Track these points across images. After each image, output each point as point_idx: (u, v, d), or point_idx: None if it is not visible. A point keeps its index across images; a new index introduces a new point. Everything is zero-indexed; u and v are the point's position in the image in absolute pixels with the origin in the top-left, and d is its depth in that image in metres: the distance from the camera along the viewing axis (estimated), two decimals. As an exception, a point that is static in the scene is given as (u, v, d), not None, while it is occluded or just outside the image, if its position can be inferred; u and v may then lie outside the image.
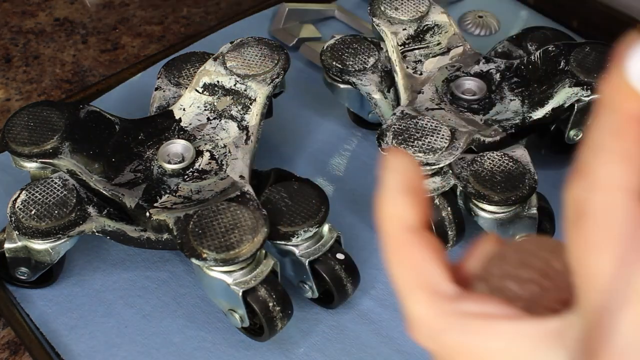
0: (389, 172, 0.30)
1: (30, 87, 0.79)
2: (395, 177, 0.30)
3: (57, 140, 0.58)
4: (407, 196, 0.29)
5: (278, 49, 0.64)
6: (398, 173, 0.30)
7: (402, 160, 0.30)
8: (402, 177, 0.30)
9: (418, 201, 0.29)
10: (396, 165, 0.30)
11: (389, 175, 0.30)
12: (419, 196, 0.30)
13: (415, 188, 0.30)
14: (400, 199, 0.30)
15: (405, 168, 0.30)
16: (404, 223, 0.29)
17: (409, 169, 0.30)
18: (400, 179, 0.30)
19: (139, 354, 0.57)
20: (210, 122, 0.62)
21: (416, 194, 0.30)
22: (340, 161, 0.71)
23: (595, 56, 0.62)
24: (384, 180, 0.30)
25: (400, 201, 0.30)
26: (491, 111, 0.63)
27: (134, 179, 0.58)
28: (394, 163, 0.30)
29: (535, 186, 0.56)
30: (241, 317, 0.53)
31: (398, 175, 0.30)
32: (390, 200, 0.30)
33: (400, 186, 0.30)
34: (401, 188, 0.30)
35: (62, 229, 0.54)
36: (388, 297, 0.60)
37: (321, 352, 0.57)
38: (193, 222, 0.51)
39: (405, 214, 0.29)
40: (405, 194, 0.30)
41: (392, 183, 0.30)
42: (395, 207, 0.30)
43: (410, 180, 0.30)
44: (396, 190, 0.30)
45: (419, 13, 0.67)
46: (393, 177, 0.30)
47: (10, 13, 0.88)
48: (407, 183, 0.30)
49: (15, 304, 0.59)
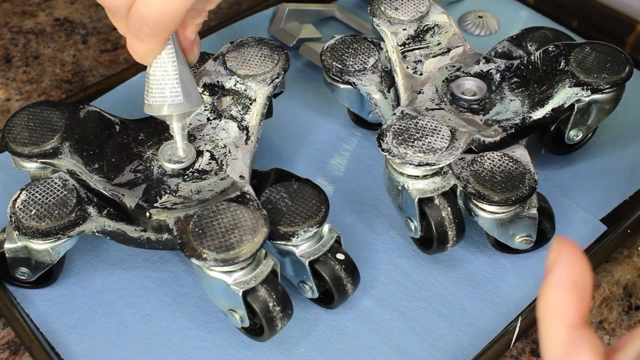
0: (556, 265, 0.30)
1: (30, 87, 0.79)
2: (561, 270, 0.29)
3: (57, 140, 0.58)
4: (572, 292, 0.29)
5: (278, 49, 0.64)
6: (564, 266, 0.29)
7: (570, 252, 0.30)
8: (569, 271, 0.29)
9: (582, 298, 0.29)
10: (563, 258, 0.30)
11: (555, 267, 0.30)
12: (583, 292, 0.29)
13: (581, 284, 0.29)
14: (564, 294, 0.29)
15: (573, 262, 0.30)
16: (565, 320, 0.29)
17: (577, 263, 0.29)
18: (566, 273, 0.29)
19: (139, 354, 0.57)
20: (210, 122, 0.62)
21: (581, 290, 0.29)
22: (340, 161, 0.71)
23: (595, 56, 0.62)
24: (550, 273, 0.30)
25: (564, 297, 0.29)
26: (491, 111, 0.63)
27: (134, 179, 0.58)
28: (562, 255, 0.30)
29: (535, 186, 0.56)
30: (241, 317, 0.53)
31: (564, 268, 0.29)
32: (553, 295, 0.29)
33: (565, 281, 0.29)
34: (567, 283, 0.29)
35: (62, 229, 0.54)
36: (388, 297, 0.60)
37: (321, 352, 0.57)
38: (193, 222, 0.51)
39: (568, 310, 0.29)
40: (570, 290, 0.29)
41: (557, 277, 0.29)
42: (558, 303, 0.29)
43: (576, 276, 0.29)
44: (561, 285, 0.29)
45: (419, 13, 0.67)
46: (559, 270, 0.29)
47: (10, 13, 0.88)
48: (574, 278, 0.29)
49: (15, 304, 0.59)
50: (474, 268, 0.62)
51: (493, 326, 0.58)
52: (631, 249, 0.64)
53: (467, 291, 0.60)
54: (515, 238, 0.59)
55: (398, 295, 0.60)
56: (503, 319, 0.58)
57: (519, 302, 0.59)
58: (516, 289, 0.60)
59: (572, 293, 0.29)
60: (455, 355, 0.56)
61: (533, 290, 0.60)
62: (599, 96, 0.61)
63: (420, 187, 0.57)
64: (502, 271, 0.61)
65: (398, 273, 0.62)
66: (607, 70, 0.61)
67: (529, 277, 0.61)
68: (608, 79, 0.61)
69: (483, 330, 0.58)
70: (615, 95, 0.62)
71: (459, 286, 0.61)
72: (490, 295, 0.60)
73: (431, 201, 0.57)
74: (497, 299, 0.60)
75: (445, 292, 0.60)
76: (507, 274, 0.61)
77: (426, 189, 0.57)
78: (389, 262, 0.62)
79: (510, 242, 0.59)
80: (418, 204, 0.57)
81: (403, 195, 0.58)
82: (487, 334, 0.57)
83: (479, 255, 0.63)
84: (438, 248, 0.59)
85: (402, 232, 0.64)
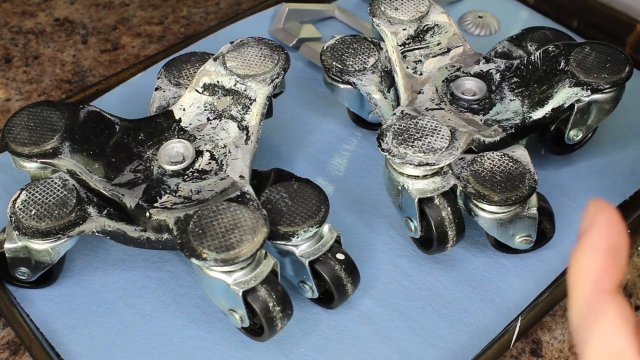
0: (593, 227, 0.28)
1: (30, 87, 0.79)
2: (598, 232, 0.28)
3: (57, 140, 0.58)
4: (607, 256, 0.28)
5: (278, 49, 0.64)
6: (601, 228, 0.28)
7: (608, 215, 0.28)
8: (604, 234, 0.28)
9: (616, 263, 0.28)
10: (600, 220, 0.28)
11: (592, 230, 0.28)
12: (618, 257, 0.28)
13: (617, 248, 0.28)
14: (598, 258, 0.28)
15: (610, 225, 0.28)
16: (598, 285, 0.28)
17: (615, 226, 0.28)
18: (603, 235, 0.28)
19: (139, 354, 0.57)
20: (210, 122, 0.62)
21: (616, 256, 0.28)
22: (340, 161, 0.71)
23: (595, 56, 0.62)
24: (586, 235, 0.28)
25: (598, 261, 0.28)
26: (491, 111, 0.63)
27: (134, 179, 0.58)
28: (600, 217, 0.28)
29: (535, 186, 0.56)
30: (241, 317, 0.53)
31: (601, 231, 0.28)
32: (587, 258, 0.28)
33: (601, 244, 0.28)
34: (602, 246, 0.28)
35: (62, 229, 0.54)
36: (388, 297, 0.60)
37: (321, 352, 0.57)
38: (193, 222, 0.51)
39: (602, 275, 0.28)
40: (605, 254, 0.28)
41: (593, 239, 0.28)
42: (591, 267, 0.28)
43: (612, 240, 0.28)
44: (596, 249, 0.28)
45: (419, 13, 0.67)
46: (595, 232, 0.28)
47: (10, 13, 0.88)
48: (609, 242, 0.28)
49: (15, 304, 0.59)
50: (474, 268, 0.62)
51: (493, 326, 0.58)
52: (631, 249, 0.64)
53: (467, 291, 0.60)
54: (515, 238, 0.59)
55: (398, 295, 0.60)
56: (503, 319, 0.58)
57: (519, 302, 0.59)
58: (516, 289, 0.60)
59: (608, 257, 0.28)
60: (455, 355, 0.56)
61: (533, 290, 0.60)
62: (599, 96, 0.61)
63: (420, 187, 0.57)
64: (502, 271, 0.61)
65: (398, 273, 0.62)
66: (607, 70, 0.61)
67: (529, 277, 0.61)
68: (608, 79, 0.61)
69: (483, 330, 0.58)
70: (615, 95, 0.62)
71: (459, 286, 0.61)
72: (490, 295, 0.60)
73: (431, 201, 0.57)
74: (497, 299, 0.60)
75: (445, 292, 0.60)
76: (507, 274, 0.61)
77: (426, 189, 0.57)
78: (389, 262, 0.62)
79: (510, 242, 0.59)
80: (418, 204, 0.57)
81: (403, 195, 0.58)
82: (487, 334, 0.57)
83: (479, 255, 0.63)
84: (438, 248, 0.59)
85: (402, 232, 0.64)
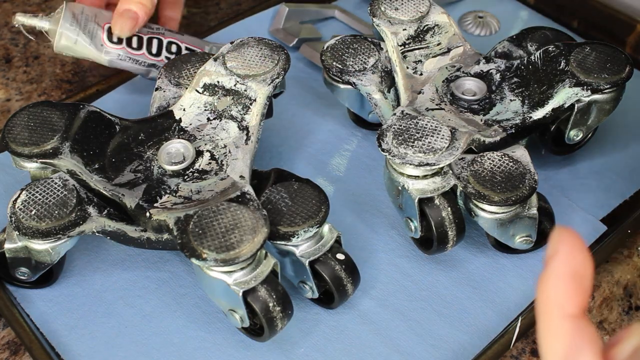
0: (556, 255, 0.29)
1: (30, 87, 0.79)
2: (561, 260, 0.29)
3: (57, 140, 0.58)
4: (571, 283, 0.29)
5: (278, 49, 0.64)
6: (564, 256, 0.29)
7: (571, 242, 0.29)
8: (568, 261, 0.29)
9: (582, 287, 0.29)
10: (563, 248, 0.29)
11: (555, 257, 0.29)
12: (583, 283, 0.29)
13: (580, 275, 0.29)
14: (563, 285, 0.29)
15: (573, 252, 0.29)
16: (564, 311, 0.29)
17: (578, 253, 0.29)
18: (566, 263, 0.29)
19: (139, 354, 0.57)
20: (210, 123, 0.62)
21: (580, 281, 0.29)
22: (340, 161, 0.71)
23: (595, 56, 0.62)
24: (550, 262, 0.29)
25: (563, 288, 0.29)
26: (491, 111, 0.63)
27: (134, 179, 0.58)
28: (563, 245, 0.29)
29: (535, 186, 0.56)
30: (241, 317, 0.53)
31: (564, 259, 0.29)
32: (553, 286, 0.29)
33: (565, 271, 0.29)
34: (566, 274, 0.29)
35: (62, 229, 0.54)
36: (388, 297, 0.60)
37: (321, 353, 0.57)
38: (193, 222, 0.51)
39: (567, 301, 0.29)
40: (569, 281, 0.29)
41: (557, 267, 0.29)
42: (557, 294, 0.29)
43: (577, 266, 0.29)
44: (560, 276, 0.29)
45: (419, 13, 0.67)
46: (559, 260, 0.29)
47: (10, 13, 0.88)
48: (574, 268, 0.29)
49: (15, 304, 0.59)
50: (474, 268, 0.62)
51: (493, 326, 0.58)
52: (631, 249, 0.64)
53: (467, 291, 0.60)
54: (515, 238, 0.59)
55: (398, 295, 0.60)
56: (503, 319, 0.58)
57: (519, 302, 0.59)
58: (516, 289, 0.60)
59: (572, 283, 0.29)
60: (455, 355, 0.56)
61: (533, 290, 0.60)
62: (599, 96, 0.61)
63: (420, 187, 0.57)
64: (502, 271, 0.61)
65: (398, 273, 0.62)
66: (607, 70, 0.61)
67: (529, 277, 0.61)
68: (608, 79, 0.61)
69: (483, 330, 0.58)
70: (615, 95, 0.62)
71: (459, 286, 0.61)
72: (490, 295, 0.60)
73: (431, 201, 0.57)
74: (497, 299, 0.60)
75: (445, 292, 0.60)
76: (507, 274, 0.61)
77: (426, 189, 0.57)
78: (389, 262, 0.62)
79: (510, 242, 0.59)
80: (418, 204, 0.57)
81: (403, 195, 0.58)
82: (487, 334, 0.57)
83: (479, 255, 0.63)
84: (438, 248, 0.59)
85: (402, 232, 0.64)
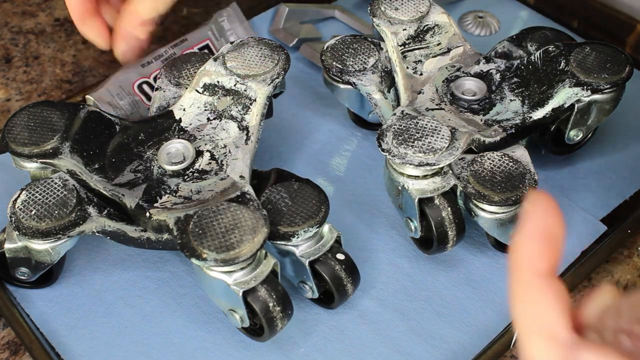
0: (529, 216, 0.30)
1: (30, 87, 0.79)
2: (534, 221, 0.30)
3: (57, 140, 0.58)
4: (543, 243, 0.30)
5: (278, 49, 0.64)
6: (538, 218, 0.30)
7: (544, 204, 0.30)
8: (541, 222, 0.30)
9: (553, 249, 0.30)
10: (537, 210, 0.30)
11: (528, 218, 0.30)
12: (554, 244, 0.30)
13: (553, 235, 0.30)
14: (535, 244, 0.30)
15: (546, 213, 0.30)
16: (534, 268, 0.30)
17: (550, 214, 0.30)
18: (539, 224, 0.30)
19: (139, 354, 0.57)
20: (210, 123, 0.62)
21: (552, 241, 0.30)
22: (340, 161, 0.71)
23: (595, 56, 0.62)
24: (523, 223, 0.31)
25: (535, 247, 0.30)
26: (491, 111, 0.63)
27: (134, 179, 0.58)
28: (536, 207, 0.30)
29: (535, 186, 0.56)
30: (241, 317, 0.53)
31: (537, 220, 0.30)
32: (525, 245, 0.30)
33: (537, 232, 0.30)
34: (538, 234, 0.30)
35: (62, 229, 0.54)
36: (388, 297, 0.60)
37: (321, 353, 0.57)
38: (193, 222, 0.51)
39: (538, 260, 0.30)
40: (541, 241, 0.30)
41: (530, 227, 0.30)
42: (529, 252, 0.30)
43: (548, 227, 0.30)
44: (533, 236, 0.30)
45: (419, 13, 0.67)
46: (532, 221, 0.30)
47: (10, 13, 0.88)
48: (546, 229, 0.30)
49: (15, 304, 0.59)
50: (474, 268, 0.62)
51: (493, 326, 0.58)
52: (631, 249, 0.64)
53: (467, 291, 0.60)
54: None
55: (398, 295, 0.60)
56: (503, 319, 0.58)
57: (519, 302, 0.59)
58: (516, 289, 0.60)
59: (544, 243, 0.30)
60: (455, 355, 0.56)
61: (533, 290, 0.60)
62: (599, 96, 0.61)
63: (420, 187, 0.57)
64: (502, 271, 0.61)
65: (398, 273, 0.62)
66: (607, 70, 0.61)
67: (529, 277, 0.61)
68: (608, 79, 0.61)
69: (483, 330, 0.58)
70: (615, 95, 0.62)
71: (459, 286, 0.61)
72: (490, 295, 0.60)
73: (431, 201, 0.57)
74: (497, 299, 0.60)
75: (445, 292, 0.60)
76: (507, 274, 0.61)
77: (426, 189, 0.57)
78: (389, 262, 0.62)
79: (510, 242, 0.59)
80: (418, 204, 0.57)
81: (403, 195, 0.58)
82: (487, 334, 0.57)
83: (479, 255, 0.63)
84: (438, 248, 0.59)
85: (402, 232, 0.64)
